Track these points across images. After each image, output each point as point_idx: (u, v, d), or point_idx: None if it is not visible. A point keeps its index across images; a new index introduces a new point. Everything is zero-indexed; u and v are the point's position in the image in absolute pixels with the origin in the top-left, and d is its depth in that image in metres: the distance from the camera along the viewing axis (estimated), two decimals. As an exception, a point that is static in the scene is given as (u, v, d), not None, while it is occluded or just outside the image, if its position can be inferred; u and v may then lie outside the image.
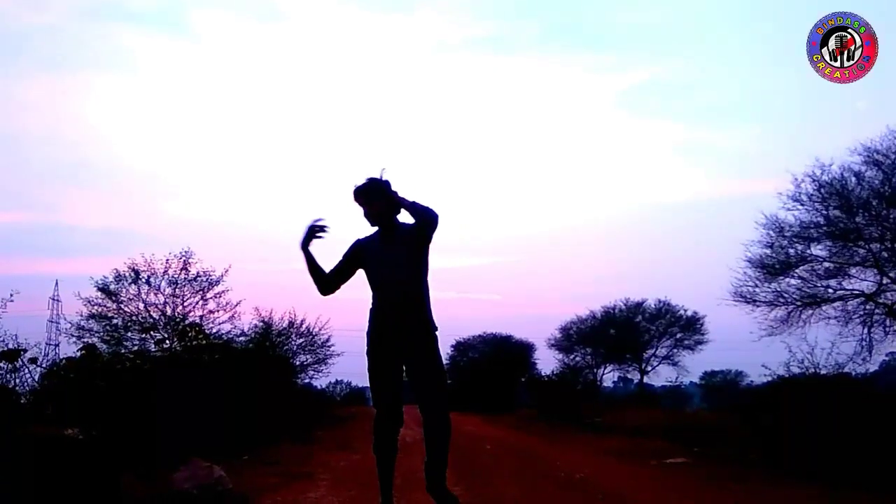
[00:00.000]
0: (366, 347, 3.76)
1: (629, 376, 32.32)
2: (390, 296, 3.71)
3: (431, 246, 3.79)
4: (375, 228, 3.84)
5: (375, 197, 3.73)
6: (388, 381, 3.69)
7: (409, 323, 3.66)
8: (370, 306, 3.79)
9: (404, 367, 3.70)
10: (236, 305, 15.53)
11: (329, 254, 3.87)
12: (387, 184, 3.73)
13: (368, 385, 3.79)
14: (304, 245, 3.76)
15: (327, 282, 3.82)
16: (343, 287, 3.89)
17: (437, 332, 3.76)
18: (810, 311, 14.29)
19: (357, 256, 3.83)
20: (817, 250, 13.95)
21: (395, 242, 3.74)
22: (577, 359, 28.68)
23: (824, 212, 13.34)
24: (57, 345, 15.88)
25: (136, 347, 12.63)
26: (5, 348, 6.29)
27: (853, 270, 13.85)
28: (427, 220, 3.63)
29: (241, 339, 14.63)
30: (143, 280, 15.13)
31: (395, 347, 3.66)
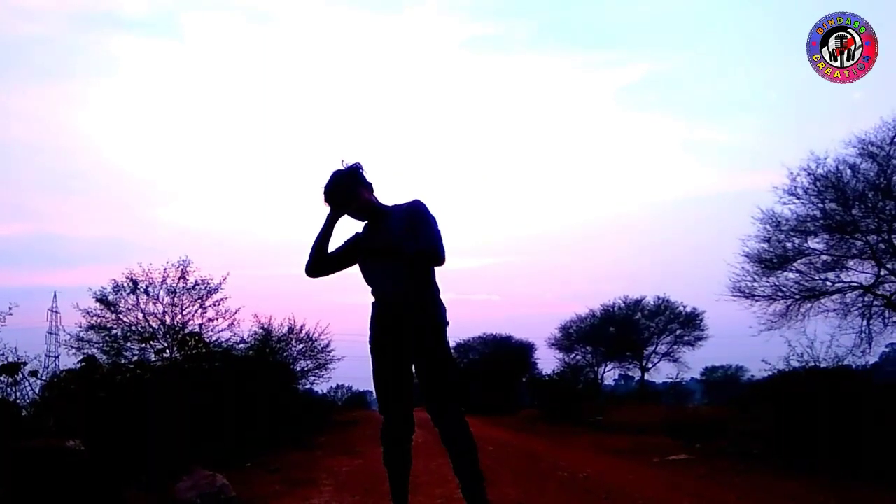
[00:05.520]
0: (369, 347, 3.34)
1: (630, 374, 32.41)
2: (387, 292, 3.31)
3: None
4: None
5: (348, 192, 3.29)
6: (395, 384, 3.25)
7: (412, 318, 3.22)
8: (371, 302, 3.40)
9: (414, 368, 3.28)
10: (235, 313, 15.49)
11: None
12: (356, 170, 3.32)
13: (374, 389, 3.36)
14: (336, 211, 3.32)
15: (323, 259, 3.36)
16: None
17: (445, 323, 3.32)
18: (809, 305, 14.32)
19: (354, 248, 3.42)
20: (814, 243, 13.99)
21: (382, 233, 3.32)
22: (578, 358, 28.74)
23: (820, 205, 13.37)
24: (57, 357, 15.85)
25: (136, 357, 12.58)
26: (5, 362, 6.28)
27: (851, 263, 13.89)
28: (433, 262, 3.31)
29: (240, 346, 14.59)
30: (142, 290, 15.11)
31: (399, 346, 3.23)
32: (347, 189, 3.29)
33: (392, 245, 3.22)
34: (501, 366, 25.41)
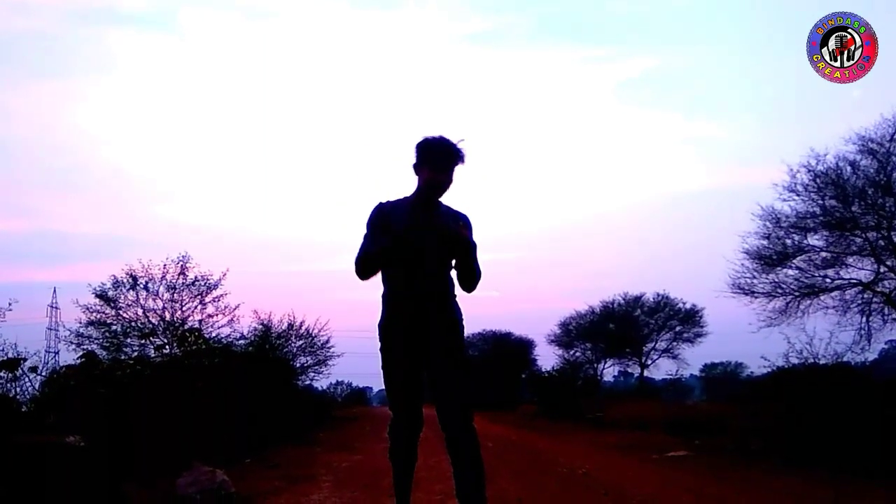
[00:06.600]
0: (379, 342, 3.18)
1: (629, 370, 32.44)
2: (414, 281, 3.11)
3: None
4: (397, 195, 3.24)
5: (453, 161, 3.10)
6: (406, 381, 3.12)
7: (433, 314, 3.10)
8: (383, 291, 3.19)
9: (425, 363, 3.14)
10: (235, 309, 15.51)
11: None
12: (461, 153, 3.12)
13: (383, 385, 3.23)
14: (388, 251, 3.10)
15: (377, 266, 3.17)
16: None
17: (463, 324, 3.22)
18: (808, 302, 14.34)
19: (385, 224, 3.14)
20: (814, 240, 14.00)
21: (432, 221, 3.11)
22: (577, 354, 28.81)
23: (820, 202, 13.37)
24: (56, 352, 15.88)
25: (135, 353, 12.60)
26: (5, 357, 6.27)
27: (850, 259, 13.91)
28: (468, 287, 3.24)
29: (240, 342, 14.63)
30: (141, 286, 15.12)
31: (414, 341, 3.08)
32: (454, 158, 3.11)
33: (467, 238, 3.11)
34: (501, 362, 25.42)
